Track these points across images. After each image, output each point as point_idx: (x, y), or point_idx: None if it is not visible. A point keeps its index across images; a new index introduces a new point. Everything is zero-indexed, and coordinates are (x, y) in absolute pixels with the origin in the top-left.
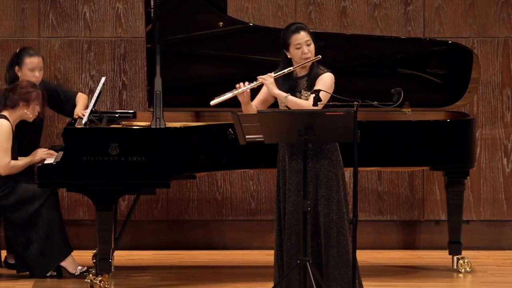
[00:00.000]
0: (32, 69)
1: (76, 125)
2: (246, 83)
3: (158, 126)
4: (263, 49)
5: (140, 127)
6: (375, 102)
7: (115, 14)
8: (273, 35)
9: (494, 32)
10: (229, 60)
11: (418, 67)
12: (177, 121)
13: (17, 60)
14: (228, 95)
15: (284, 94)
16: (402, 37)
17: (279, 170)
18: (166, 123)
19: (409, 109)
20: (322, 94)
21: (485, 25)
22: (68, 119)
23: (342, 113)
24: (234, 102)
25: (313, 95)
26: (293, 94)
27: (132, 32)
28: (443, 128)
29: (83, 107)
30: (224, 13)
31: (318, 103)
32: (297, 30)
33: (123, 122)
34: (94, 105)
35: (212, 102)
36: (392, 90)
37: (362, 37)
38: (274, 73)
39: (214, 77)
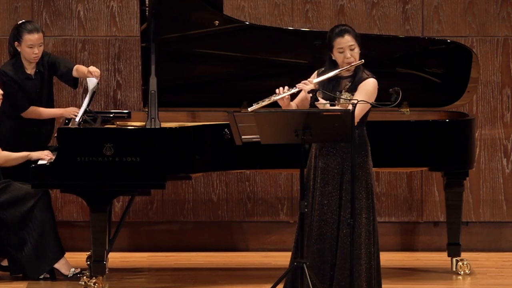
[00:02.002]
0: (31, 46)
1: (70, 125)
2: (286, 88)
3: (153, 126)
4: (260, 48)
5: (135, 127)
6: (373, 102)
7: (109, 13)
8: (269, 34)
9: (493, 31)
10: (225, 59)
11: (417, 66)
12: (173, 121)
13: (16, 35)
14: (267, 101)
15: (323, 101)
16: (401, 36)
17: (308, 169)
18: (161, 123)
19: (408, 109)
20: (361, 104)
21: (484, 23)
22: (62, 119)
23: (339, 113)
24: (231, 102)
25: (353, 102)
26: (333, 93)
27: (126, 31)
28: (442, 128)
29: (82, 74)
30: (220, 11)
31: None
32: (341, 34)
33: (117, 122)
34: (88, 105)
35: (251, 109)
36: (390, 89)
37: (360, 36)
38: (315, 79)
39: (210, 77)
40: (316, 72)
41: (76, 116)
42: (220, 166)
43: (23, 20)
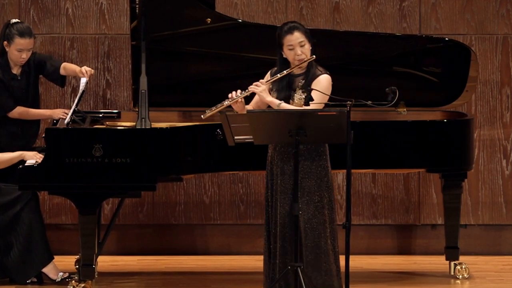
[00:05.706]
0: (20, 50)
1: (58, 125)
2: (239, 91)
3: (143, 127)
4: (253, 46)
5: (125, 128)
6: (369, 102)
7: (98, 10)
8: (263, 32)
9: (492, 29)
10: (218, 57)
11: (414, 65)
12: (163, 121)
13: (8, 35)
14: (220, 106)
15: (277, 101)
16: (397, 34)
17: (267, 172)
18: (152, 123)
19: (405, 109)
20: (318, 97)
21: (483, 21)
22: (49, 119)
23: (334, 113)
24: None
25: (304, 95)
26: (288, 92)
27: (116, 28)
28: (440, 129)
29: (72, 72)
30: (212, 9)
31: (311, 103)
32: (290, 31)
33: (107, 123)
34: (77, 105)
35: (204, 116)
36: (387, 89)
37: (356, 34)
38: (266, 80)
39: (202, 76)
40: (269, 73)
41: (64, 117)
42: (212, 167)
43: (17, 20)
